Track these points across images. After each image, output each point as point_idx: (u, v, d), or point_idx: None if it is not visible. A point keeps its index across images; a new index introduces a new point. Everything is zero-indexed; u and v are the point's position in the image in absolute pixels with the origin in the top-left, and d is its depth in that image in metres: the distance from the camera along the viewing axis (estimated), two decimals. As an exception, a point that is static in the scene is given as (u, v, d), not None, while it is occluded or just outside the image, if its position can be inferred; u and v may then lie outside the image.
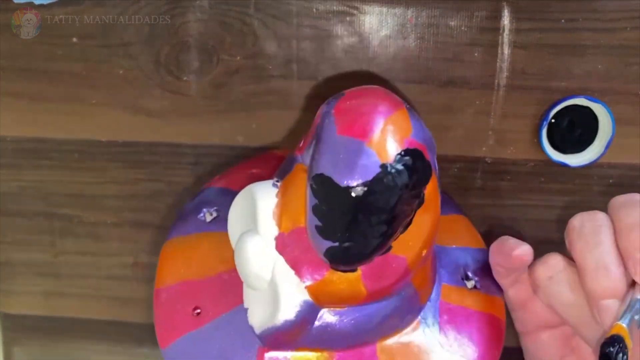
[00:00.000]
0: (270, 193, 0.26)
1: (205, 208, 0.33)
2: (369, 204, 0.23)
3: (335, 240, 0.23)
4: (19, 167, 0.47)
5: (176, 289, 0.30)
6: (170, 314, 0.29)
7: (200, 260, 0.31)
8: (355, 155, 0.23)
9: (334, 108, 0.25)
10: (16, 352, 0.52)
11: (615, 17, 0.40)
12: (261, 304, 0.26)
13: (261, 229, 0.26)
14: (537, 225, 0.44)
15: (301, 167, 0.26)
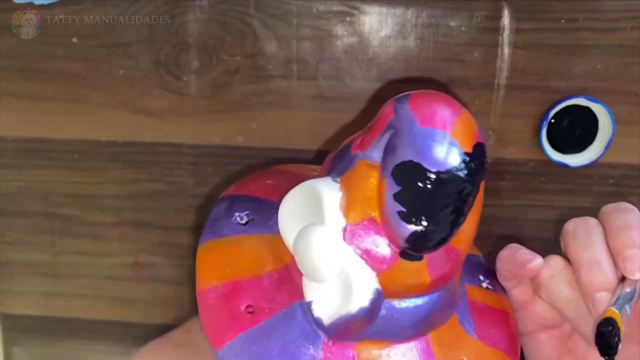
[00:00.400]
0: (333, 187, 0.27)
1: (236, 212, 0.33)
2: (454, 189, 0.25)
3: (420, 224, 0.25)
4: (19, 167, 0.47)
5: (224, 289, 0.29)
6: (221, 315, 0.29)
7: (246, 260, 0.30)
8: (442, 143, 0.25)
9: (408, 104, 0.27)
10: (16, 352, 0.52)
11: (615, 17, 0.40)
12: (328, 296, 0.27)
13: (328, 221, 0.27)
14: (537, 225, 0.44)
15: (365, 163, 0.27)
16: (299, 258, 0.28)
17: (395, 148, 0.26)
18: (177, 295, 0.49)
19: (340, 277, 0.27)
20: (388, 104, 0.28)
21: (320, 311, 0.27)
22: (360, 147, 0.28)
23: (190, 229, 0.47)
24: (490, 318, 0.33)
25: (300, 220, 0.28)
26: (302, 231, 0.27)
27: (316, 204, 0.27)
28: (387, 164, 0.26)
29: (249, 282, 0.29)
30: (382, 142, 0.27)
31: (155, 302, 0.49)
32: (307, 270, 0.27)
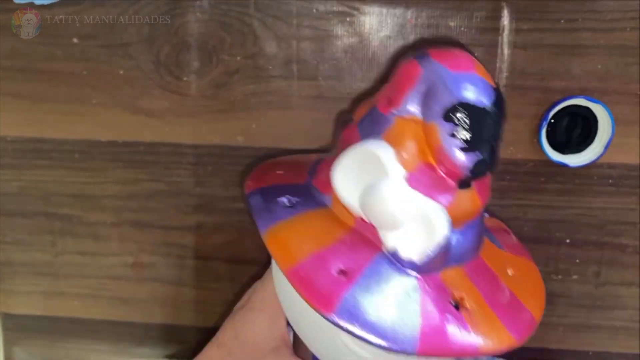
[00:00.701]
0: (384, 145, 0.30)
1: (278, 198, 0.35)
2: (495, 118, 0.29)
3: (479, 154, 0.29)
4: (19, 167, 0.47)
5: (311, 261, 0.31)
6: (320, 283, 0.30)
7: (315, 235, 0.32)
8: (479, 83, 0.29)
9: (432, 58, 0.30)
10: (16, 351, 0.52)
11: (614, 17, 0.40)
12: (411, 238, 0.30)
13: (391, 173, 0.30)
14: (537, 225, 0.44)
15: (402, 118, 0.31)
16: (373, 213, 0.30)
17: (439, 94, 0.29)
18: (177, 295, 0.49)
19: (417, 218, 0.30)
20: (410, 62, 0.31)
21: (409, 253, 0.30)
22: (392, 106, 0.31)
23: (190, 229, 0.47)
24: (501, 234, 0.38)
25: (358, 182, 0.31)
26: (371, 189, 0.30)
27: (373, 162, 0.30)
28: (434, 110, 0.29)
29: (329, 251, 0.31)
30: (417, 96, 0.30)
31: (155, 302, 0.49)
32: (384, 222, 0.30)
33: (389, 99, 0.32)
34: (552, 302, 0.45)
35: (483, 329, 0.31)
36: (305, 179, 0.36)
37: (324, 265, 0.30)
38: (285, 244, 0.32)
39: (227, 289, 0.48)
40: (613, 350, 0.46)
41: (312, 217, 0.33)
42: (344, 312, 0.29)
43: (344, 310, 0.29)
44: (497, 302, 0.33)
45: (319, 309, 0.29)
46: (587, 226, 0.44)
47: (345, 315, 0.29)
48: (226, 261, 0.48)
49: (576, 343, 0.46)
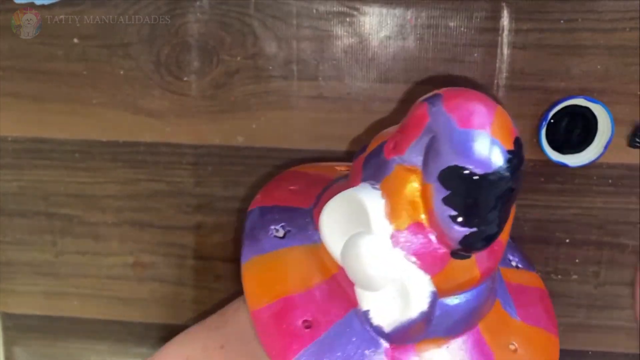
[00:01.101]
0: (375, 195, 0.27)
1: (271, 225, 0.32)
2: (501, 188, 0.25)
3: (474, 226, 0.25)
4: (19, 167, 0.47)
5: (278, 307, 0.29)
6: (280, 333, 0.28)
7: (293, 275, 0.30)
8: (486, 144, 0.25)
9: (443, 106, 0.27)
10: (16, 351, 0.52)
11: (614, 17, 0.40)
12: (385, 303, 0.27)
13: (376, 229, 0.27)
14: (537, 225, 0.44)
15: (403, 167, 0.27)
16: (350, 269, 0.28)
17: (438, 152, 0.26)
18: (177, 295, 0.49)
19: (396, 283, 0.27)
20: (420, 106, 0.28)
21: (379, 319, 0.28)
22: (396, 152, 0.28)
23: (190, 229, 0.47)
24: (527, 297, 0.34)
25: (343, 230, 0.28)
26: (350, 241, 0.27)
27: (360, 213, 0.27)
28: (431, 169, 0.26)
29: (301, 297, 0.29)
30: (420, 146, 0.27)
31: (155, 302, 0.49)
32: (360, 280, 0.27)
33: (395, 142, 0.28)
34: (552, 302, 0.45)
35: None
36: (311, 204, 0.33)
37: (290, 313, 0.28)
38: (257, 281, 0.30)
39: (227, 289, 0.48)
40: (613, 350, 0.46)
41: (297, 254, 0.31)
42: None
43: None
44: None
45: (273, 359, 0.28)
46: (587, 226, 0.44)
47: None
48: (226, 261, 0.48)
49: (576, 343, 0.46)
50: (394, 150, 0.28)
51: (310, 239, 0.31)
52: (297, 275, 0.30)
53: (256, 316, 0.28)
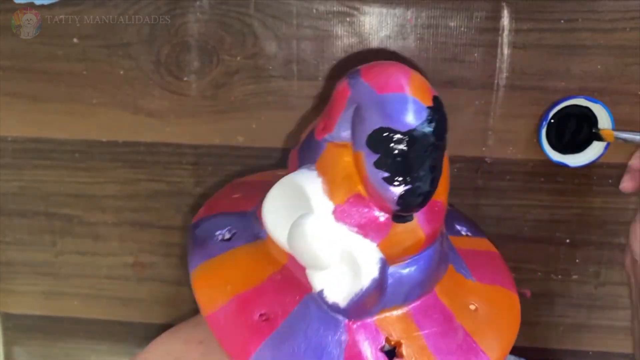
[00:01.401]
0: (311, 175, 0.28)
1: (218, 231, 0.33)
2: (427, 143, 0.26)
3: (407, 184, 0.26)
4: (19, 167, 0.47)
5: (232, 306, 0.29)
6: (237, 331, 0.28)
7: (243, 273, 0.30)
8: (405, 103, 0.26)
9: (361, 77, 0.28)
10: (16, 351, 0.52)
11: (614, 17, 0.40)
12: (337, 279, 0.28)
13: (316, 208, 0.27)
14: (537, 225, 0.44)
15: (333, 144, 0.28)
16: (297, 252, 0.28)
17: (362, 120, 0.27)
18: (177, 295, 0.49)
19: (344, 257, 0.27)
20: (341, 83, 0.29)
21: (333, 296, 0.28)
22: (326, 131, 0.29)
23: (190, 228, 0.47)
24: (480, 260, 0.35)
25: (286, 217, 0.28)
26: (294, 225, 0.28)
27: (299, 195, 0.28)
28: (358, 136, 0.27)
29: (254, 292, 0.29)
30: (346, 120, 0.28)
31: (155, 302, 0.49)
32: (309, 261, 0.28)
33: (324, 123, 0.29)
34: (552, 302, 0.46)
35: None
36: (254, 206, 0.33)
37: (245, 309, 0.28)
38: (207, 285, 0.30)
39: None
40: (613, 350, 0.46)
41: (245, 252, 0.31)
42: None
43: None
44: (443, 346, 0.30)
45: (233, 358, 0.28)
46: (587, 226, 0.44)
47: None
48: (226, 261, 0.48)
49: (576, 343, 0.46)
50: (324, 130, 0.29)
51: (256, 236, 0.31)
52: (248, 272, 0.30)
53: (212, 320, 0.28)
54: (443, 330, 0.30)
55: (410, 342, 0.29)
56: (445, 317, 0.31)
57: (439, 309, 0.31)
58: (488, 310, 0.32)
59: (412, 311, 0.30)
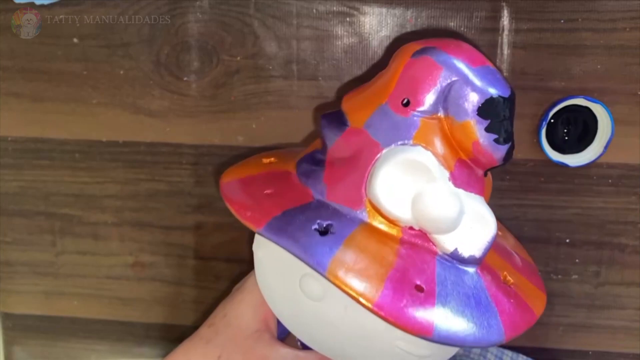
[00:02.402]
0: (420, 150, 0.31)
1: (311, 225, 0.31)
2: (514, 105, 0.31)
3: (509, 141, 0.31)
4: (20, 167, 0.47)
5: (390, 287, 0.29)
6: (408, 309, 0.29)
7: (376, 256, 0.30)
8: (496, 74, 0.31)
9: (447, 52, 0.31)
10: (16, 351, 0.52)
11: (614, 17, 0.40)
12: (467, 235, 0.31)
13: (439, 177, 0.30)
14: (537, 225, 0.44)
15: (427, 119, 0.31)
16: (429, 220, 0.30)
17: (467, 93, 0.30)
18: (177, 295, 0.49)
19: (470, 215, 0.31)
20: (423, 60, 0.31)
21: (469, 250, 0.31)
22: (414, 107, 0.31)
23: (190, 229, 0.47)
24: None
25: (403, 192, 0.30)
26: (423, 197, 0.30)
27: (416, 169, 0.30)
28: (464, 107, 0.30)
29: (398, 269, 0.30)
30: (439, 95, 0.31)
31: (155, 302, 0.49)
32: (442, 226, 0.30)
33: (405, 99, 0.31)
34: (552, 302, 0.45)
35: (529, 297, 0.32)
36: (312, 197, 0.33)
37: (403, 285, 0.29)
38: (357, 277, 0.29)
39: (227, 289, 0.48)
40: (613, 350, 0.46)
41: (360, 240, 0.31)
42: (441, 329, 0.28)
43: (441, 327, 0.28)
44: (520, 267, 0.34)
45: (421, 334, 0.28)
46: (587, 226, 0.44)
47: (443, 332, 0.28)
48: (226, 261, 0.48)
49: (576, 343, 0.46)
50: (411, 106, 0.31)
51: (354, 222, 0.31)
52: (378, 255, 0.30)
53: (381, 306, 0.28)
54: (513, 261, 0.35)
55: (508, 272, 0.33)
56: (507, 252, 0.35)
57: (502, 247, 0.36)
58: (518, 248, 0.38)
59: (497, 254, 0.34)
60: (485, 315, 0.30)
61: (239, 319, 0.37)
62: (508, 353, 0.45)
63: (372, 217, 0.31)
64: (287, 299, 0.34)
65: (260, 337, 0.36)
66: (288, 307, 0.35)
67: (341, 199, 0.32)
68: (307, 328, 0.34)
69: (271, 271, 0.35)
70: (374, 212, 0.31)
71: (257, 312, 0.37)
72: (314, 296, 0.32)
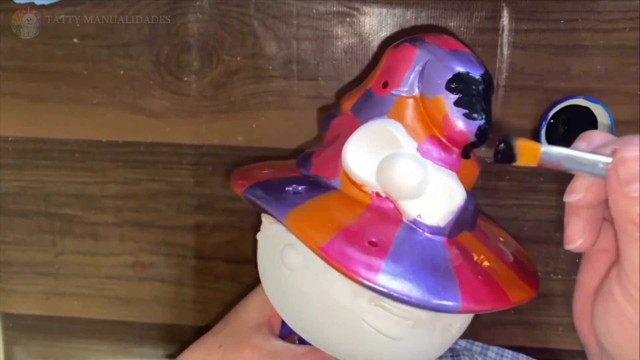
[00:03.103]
0: (392, 122, 0.32)
1: (287, 187, 0.34)
2: (491, 84, 0.33)
3: (482, 118, 0.31)
4: (19, 167, 0.47)
5: (340, 238, 0.30)
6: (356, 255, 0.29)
7: (336, 214, 0.32)
8: (470, 55, 0.33)
9: (426, 40, 0.33)
10: (16, 351, 0.52)
11: (614, 17, 0.40)
12: (431, 205, 0.32)
13: (406, 147, 0.32)
14: (537, 225, 0.44)
15: (402, 97, 0.33)
16: (394, 186, 0.31)
17: (438, 69, 0.32)
18: (177, 295, 0.49)
19: (436, 184, 0.32)
20: (403, 47, 0.34)
21: (432, 219, 0.32)
22: (391, 87, 0.33)
23: (190, 229, 0.47)
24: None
25: (371, 159, 0.32)
26: (388, 162, 0.31)
27: (386, 138, 0.32)
28: (435, 83, 0.32)
29: (354, 226, 0.31)
30: (414, 75, 0.33)
31: (155, 302, 0.49)
32: (406, 192, 0.31)
33: (384, 82, 0.34)
34: (552, 302, 0.46)
35: (507, 283, 0.32)
36: (300, 172, 0.36)
37: (354, 239, 0.30)
38: (308, 226, 0.31)
39: (227, 289, 0.48)
40: (613, 350, 0.46)
41: (325, 200, 0.33)
42: (387, 279, 0.29)
43: (387, 277, 0.29)
44: (508, 261, 0.35)
45: (363, 279, 0.29)
46: (587, 226, 0.44)
47: (388, 282, 0.29)
48: (226, 261, 0.48)
49: (576, 343, 0.46)
50: (389, 87, 0.33)
51: (327, 188, 0.34)
52: (339, 213, 0.32)
53: (326, 250, 0.29)
54: (499, 251, 0.35)
55: (487, 257, 0.33)
56: (495, 241, 0.36)
57: (488, 235, 0.36)
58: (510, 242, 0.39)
59: (476, 235, 0.35)
60: (440, 280, 0.30)
61: (245, 312, 0.39)
62: (508, 354, 0.45)
63: (345, 186, 0.33)
64: (272, 272, 0.36)
65: (258, 330, 0.38)
66: (272, 281, 0.37)
67: (321, 171, 0.35)
68: (288, 302, 0.36)
69: (263, 249, 0.37)
70: (347, 181, 0.33)
71: (263, 309, 0.39)
72: (292, 266, 0.34)
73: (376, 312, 0.32)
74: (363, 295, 0.32)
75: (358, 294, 0.32)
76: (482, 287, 0.31)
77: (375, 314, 0.32)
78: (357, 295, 0.32)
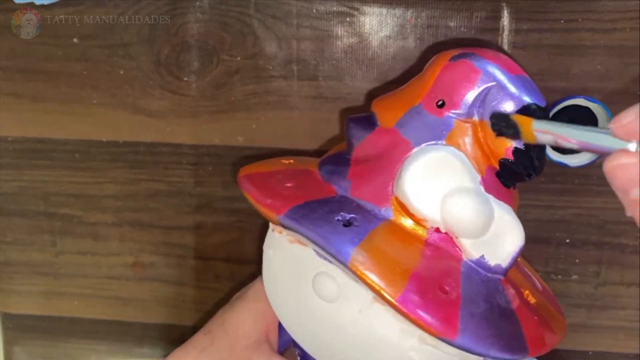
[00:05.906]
0: (454, 150, 0.30)
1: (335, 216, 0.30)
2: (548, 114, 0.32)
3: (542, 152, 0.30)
4: (19, 167, 0.47)
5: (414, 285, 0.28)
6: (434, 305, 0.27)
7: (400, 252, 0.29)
8: (534, 84, 0.32)
9: (487, 59, 0.31)
10: (16, 351, 0.52)
11: (614, 17, 0.40)
12: (494, 243, 0.30)
13: (472, 181, 0.30)
14: (537, 225, 0.44)
15: (461, 121, 0.30)
16: (459, 223, 0.29)
17: (503, 98, 0.30)
18: (177, 295, 0.49)
19: (499, 222, 0.30)
20: (462, 64, 0.31)
21: (495, 259, 0.30)
22: (449, 108, 0.31)
23: (190, 229, 0.47)
24: None
25: (433, 192, 0.29)
26: (453, 198, 0.29)
27: (448, 169, 0.29)
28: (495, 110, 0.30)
29: (422, 270, 0.29)
30: (475, 99, 0.30)
31: (155, 302, 0.49)
32: (471, 230, 0.29)
33: (440, 100, 0.31)
34: (552, 302, 0.46)
35: (551, 319, 0.31)
36: (335, 192, 0.32)
37: (427, 287, 0.28)
38: (380, 271, 0.28)
39: (227, 289, 0.48)
40: (613, 350, 0.46)
41: (383, 236, 0.30)
42: (467, 337, 0.27)
43: (465, 332, 0.27)
44: (539, 290, 0.34)
45: (443, 335, 0.27)
46: (587, 226, 0.44)
47: (467, 337, 0.27)
48: (226, 261, 0.48)
49: (576, 343, 0.46)
50: (446, 107, 0.31)
51: (378, 218, 0.30)
52: (403, 252, 0.29)
53: (403, 303, 0.27)
54: (534, 282, 0.35)
55: (529, 292, 0.32)
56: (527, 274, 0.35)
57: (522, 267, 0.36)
58: None
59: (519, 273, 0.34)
60: (509, 326, 0.28)
61: (238, 328, 0.36)
62: None
63: (398, 216, 0.30)
64: (295, 299, 0.33)
65: (258, 349, 0.35)
66: (295, 309, 0.33)
67: (366, 196, 0.31)
68: (314, 333, 0.32)
69: (281, 270, 0.34)
70: (399, 210, 0.30)
71: (258, 323, 0.36)
72: (327, 296, 0.31)
73: (423, 350, 0.30)
74: (414, 334, 0.30)
75: (409, 332, 0.30)
76: (540, 329, 0.30)
77: (422, 352, 0.30)
78: (407, 334, 0.30)
